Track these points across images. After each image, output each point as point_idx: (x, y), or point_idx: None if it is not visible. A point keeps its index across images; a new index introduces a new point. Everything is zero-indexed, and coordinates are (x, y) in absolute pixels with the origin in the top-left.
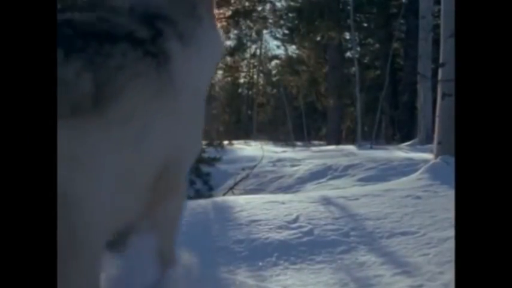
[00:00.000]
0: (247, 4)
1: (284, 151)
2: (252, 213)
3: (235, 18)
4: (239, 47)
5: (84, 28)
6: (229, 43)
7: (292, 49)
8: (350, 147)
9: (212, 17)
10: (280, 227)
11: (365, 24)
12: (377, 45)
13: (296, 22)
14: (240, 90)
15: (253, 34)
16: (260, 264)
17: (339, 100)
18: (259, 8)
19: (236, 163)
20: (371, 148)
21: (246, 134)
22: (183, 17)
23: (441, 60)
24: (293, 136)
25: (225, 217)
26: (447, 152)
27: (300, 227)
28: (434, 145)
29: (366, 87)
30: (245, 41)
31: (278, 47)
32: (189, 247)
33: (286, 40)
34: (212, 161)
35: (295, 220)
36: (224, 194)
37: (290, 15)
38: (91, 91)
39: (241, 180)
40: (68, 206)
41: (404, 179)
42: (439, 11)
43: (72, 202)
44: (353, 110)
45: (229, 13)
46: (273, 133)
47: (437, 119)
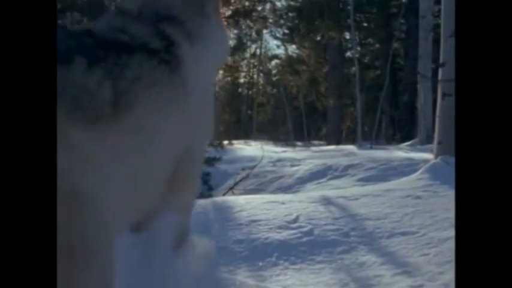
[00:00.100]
0: (247, 4)
1: (284, 151)
2: (252, 213)
3: (235, 17)
4: (239, 47)
5: (103, 38)
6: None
7: (292, 49)
8: (350, 147)
9: (219, 16)
10: (280, 227)
11: (365, 24)
12: (377, 45)
13: (296, 22)
14: (240, 90)
15: (253, 34)
16: (260, 264)
17: (339, 100)
18: (259, 8)
19: (236, 163)
20: (371, 148)
21: (246, 134)
22: (191, 15)
23: (441, 60)
24: (293, 136)
25: (225, 217)
26: (447, 152)
27: (300, 227)
28: (434, 145)
29: (366, 87)
30: (245, 41)
31: (278, 47)
32: None
33: (286, 40)
34: (212, 161)
35: (295, 220)
36: (224, 194)
37: (290, 14)
38: (110, 99)
39: (241, 180)
40: (82, 206)
41: (404, 179)
42: (439, 11)
43: (86, 202)
44: (353, 110)
45: (229, 13)
46: (273, 133)
47: (437, 119)
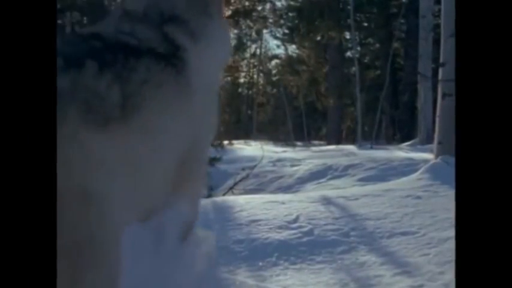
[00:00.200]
0: (247, 4)
1: (284, 151)
2: (252, 213)
3: (235, 17)
4: (239, 47)
5: (111, 42)
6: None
7: (292, 49)
8: (350, 147)
9: (222, 16)
10: (280, 227)
11: (365, 23)
12: (377, 45)
13: (296, 22)
14: (240, 90)
15: (253, 34)
16: (260, 264)
17: (339, 100)
18: (259, 8)
19: (236, 163)
20: (371, 148)
21: (246, 134)
22: (195, 15)
23: (441, 60)
24: (293, 136)
25: (225, 217)
26: (447, 152)
27: (300, 227)
28: (434, 145)
29: (366, 87)
30: (245, 41)
31: (278, 47)
32: None
33: (286, 40)
34: (212, 161)
35: (295, 220)
36: (224, 194)
37: (290, 14)
38: (119, 102)
39: (241, 180)
40: (91, 206)
41: (404, 179)
42: (440, 11)
43: (95, 202)
44: (353, 110)
45: (229, 13)
46: (273, 133)
47: (437, 119)
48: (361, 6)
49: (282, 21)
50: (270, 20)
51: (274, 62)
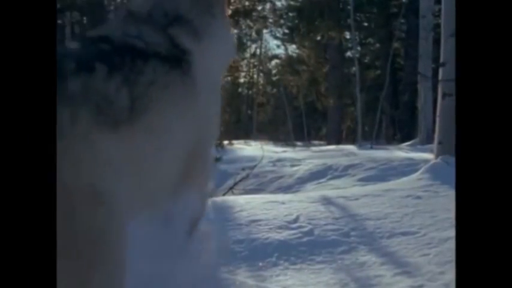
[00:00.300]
0: (247, 3)
1: (284, 151)
2: (252, 213)
3: (235, 17)
4: (239, 47)
5: (119, 45)
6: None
7: (292, 49)
8: (350, 147)
9: (225, 16)
10: (280, 227)
11: (365, 23)
12: (377, 44)
13: (296, 22)
14: (240, 90)
15: (253, 34)
16: (260, 264)
17: (339, 100)
18: (259, 8)
19: (236, 163)
20: (371, 148)
21: (246, 134)
22: (199, 15)
23: (442, 59)
24: (293, 136)
25: (225, 217)
26: (448, 152)
27: (300, 227)
28: (434, 145)
29: (366, 87)
30: (245, 41)
31: (278, 47)
32: None
33: (286, 40)
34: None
35: (295, 220)
36: (224, 194)
37: (290, 14)
38: (127, 104)
39: (241, 180)
40: (100, 205)
41: (404, 179)
42: (440, 11)
43: (104, 201)
44: (353, 110)
45: (229, 12)
46: (273, 133)
47: (437, 119)
48: (361, 6)
49: (282, 21)
50: (270, 20)
51: (274, 62)
